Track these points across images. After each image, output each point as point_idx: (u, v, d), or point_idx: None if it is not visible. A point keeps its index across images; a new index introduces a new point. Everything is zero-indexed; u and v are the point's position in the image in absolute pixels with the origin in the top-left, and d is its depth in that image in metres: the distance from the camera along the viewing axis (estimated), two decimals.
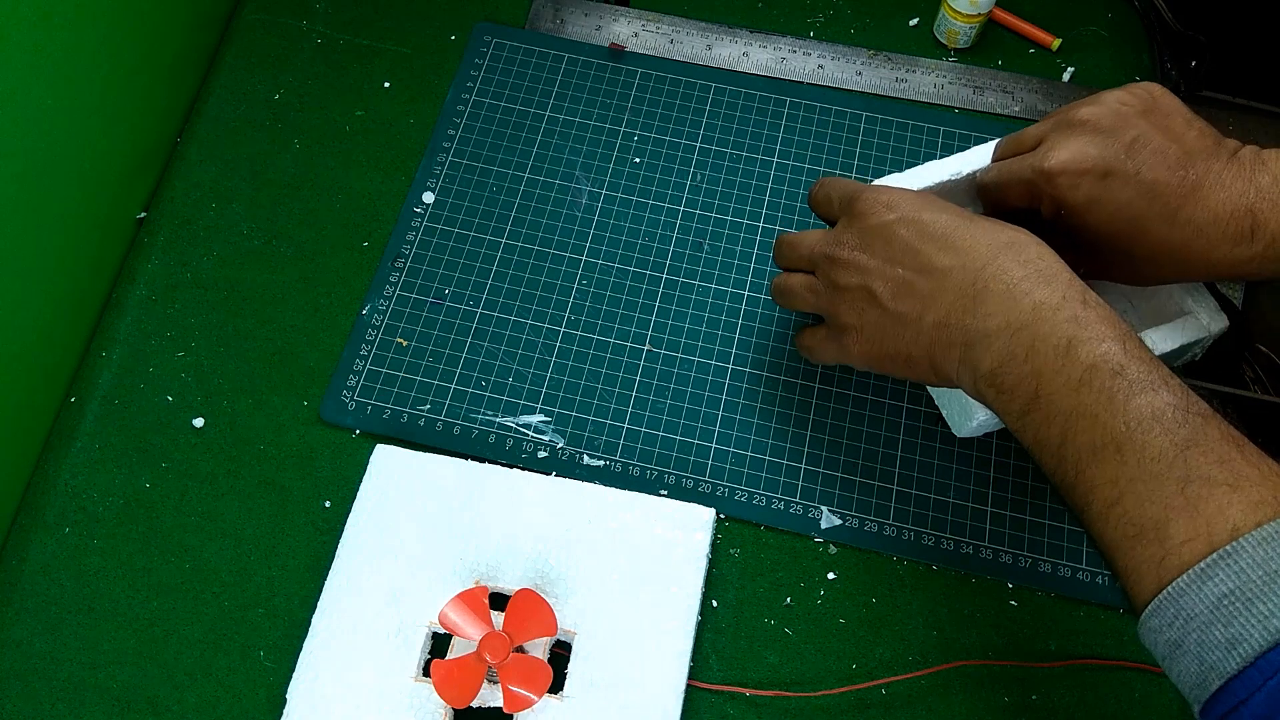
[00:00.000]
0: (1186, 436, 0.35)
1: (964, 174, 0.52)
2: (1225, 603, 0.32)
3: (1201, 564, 0.33)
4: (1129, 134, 0.44)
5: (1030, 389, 0.38)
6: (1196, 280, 0.49)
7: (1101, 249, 0.46)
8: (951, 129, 0.65)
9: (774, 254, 0.51)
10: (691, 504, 0.53)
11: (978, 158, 0.52)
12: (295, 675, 0.49)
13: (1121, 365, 0.37)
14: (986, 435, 0.56)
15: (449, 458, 0.54)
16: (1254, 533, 0.32)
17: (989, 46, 0.68)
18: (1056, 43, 0.68)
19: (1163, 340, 0.49)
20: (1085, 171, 0.44)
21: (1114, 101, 0.46)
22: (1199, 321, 0.49)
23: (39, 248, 0.53)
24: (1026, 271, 0.40)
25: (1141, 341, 0.38)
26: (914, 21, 0.69)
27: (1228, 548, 0.32)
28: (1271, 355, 0.53)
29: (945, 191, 0.52)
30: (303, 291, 0.60)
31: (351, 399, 0.57)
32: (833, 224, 0.48)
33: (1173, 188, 0.43)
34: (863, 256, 0.44)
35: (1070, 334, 0.38)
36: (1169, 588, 0.33)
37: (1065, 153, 0.44)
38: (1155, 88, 0.46)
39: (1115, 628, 0.52)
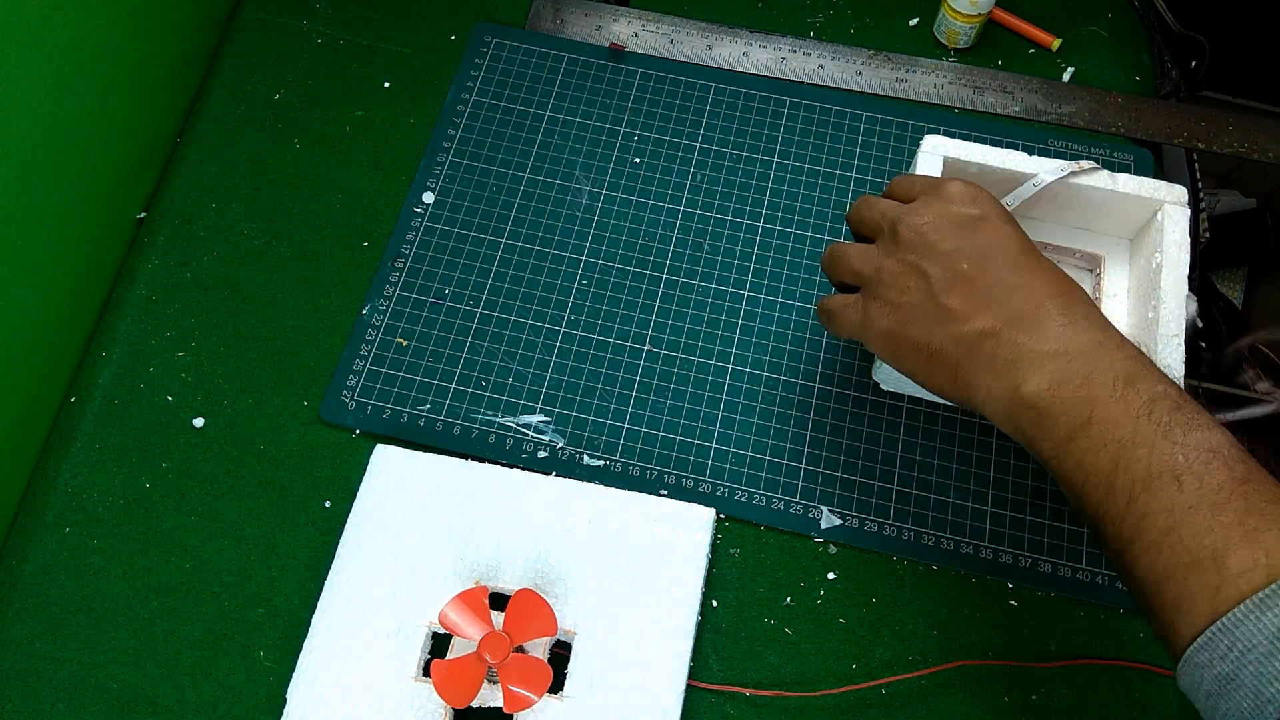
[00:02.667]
0: (1244, 473, 0.35)
1: (1025, 172, 0.52)
2: None
3: (1262, 593, 0.32)
4: None
5: (1083, 414, 0.38)
6: None
7: None
8: (951, 129, 0.65)
9: (848, 214, 0.49)
10: (691, 504, 0.53)
11: (1040, 166, 0.52)
12: (295, 675, 0.49)
13: (1179, 403, 0.37)
14: (986, 435, 0.56)
15: (449, 458, 0.54)
16: None
17: (989, 46, 0.68)
18: (1056, 43, 0.68)
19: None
20: None
21: None
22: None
23: (39, 248, 0.53)
24: (1088, 312, 0.40)
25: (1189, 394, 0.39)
26: (914, 21, 0.69)
27: None
28: (1271, 355, 0.53)
29: (989, 179, 0.53)
30: (303, 291, 0.60)
31: (351, 399, 0.57)
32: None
33: None
34: (934, 235, 0.43)
35: (1131, 369, 0.38)
36: (1224, 618, 0.33)
37: None
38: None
39: (1115, 628, 0.52)
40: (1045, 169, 0.52)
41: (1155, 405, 0.37)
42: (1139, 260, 0.53)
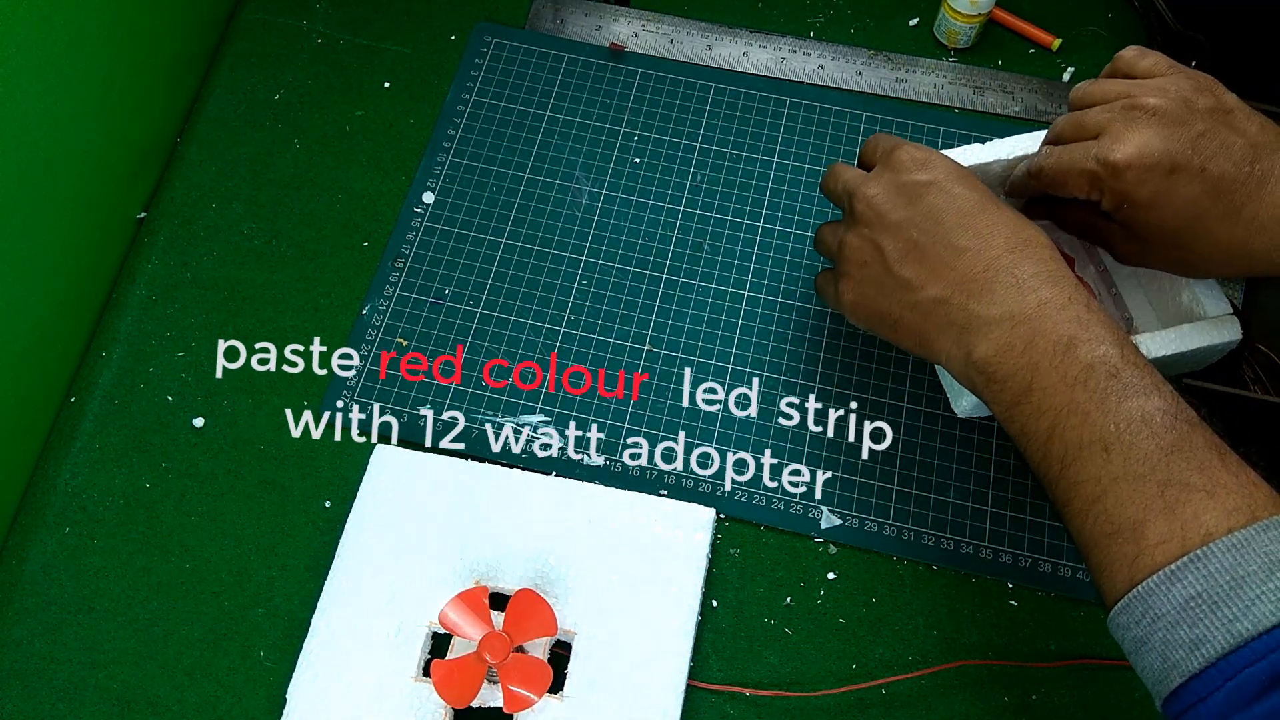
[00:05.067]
0: (1172, 442, 0.36)
1: (1003, 159, 0.53)
2: (1192, 605, 0.33)
3: (1172, 566, 0.34)
4: (1196, 127, 0.43)
5: (1024, 381, 0.39)
6: (1251, 275, 0.47)
7: (1162, 243, 0.46)
8: (951, 129, 0.65)
9: (820, 183, 0.52)
10: (691, 504, 0.53)
11: (1016, 145, 0.53)
12: (295, 675, 0.49)
13: (1118, 368, 0.38)
14: (986, 435, 0.56)
15: (449, 458, 0.54)
16: (1225, 539, 0.33)
17: (989, 46, 0.68)
18: (1056, 43, 0.68)
19: (1176, 341, 0.49)
20: (1152, 167, 0.43)
21: (1179, 90, 0.44)
22: (1214, 330, 0.49)
23: (39, 248, 0.53)
24: (1037, 269, 0.41)
25: (1138, 348, 0.39)
26: (914, 21, 0.69)
27: (1198, 551, 0.33)
28: (1271, 355, 0.53)
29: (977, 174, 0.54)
30: (303, 291, 0.60)
31: (352, 399, 0.57)
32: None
33: (1239, 183, 0.43)
34: (885, 207, 0.44)
35: (1072, 333, 0.39)
36: (1139, 586, 0.35)
37: (1131, 146, 0.43)
38: (1214, 81, 0.46)
39: None
40: (1004, 149, 0.53)
41: (1092, 372, 0.38)
42: None
